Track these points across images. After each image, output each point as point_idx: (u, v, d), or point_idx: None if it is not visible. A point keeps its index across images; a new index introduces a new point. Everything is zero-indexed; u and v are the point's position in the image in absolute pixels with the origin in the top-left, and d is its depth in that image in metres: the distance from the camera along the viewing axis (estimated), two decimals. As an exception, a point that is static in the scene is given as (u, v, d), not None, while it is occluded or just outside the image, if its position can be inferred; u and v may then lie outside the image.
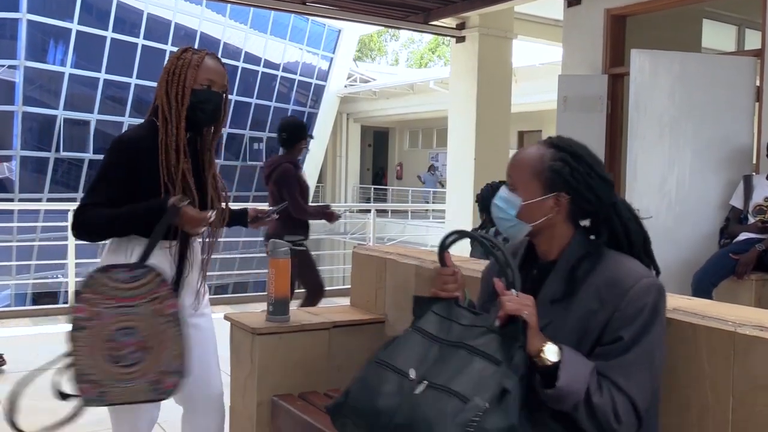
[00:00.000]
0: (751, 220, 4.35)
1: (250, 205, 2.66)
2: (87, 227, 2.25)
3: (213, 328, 2.51)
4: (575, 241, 1.71)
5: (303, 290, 5.09)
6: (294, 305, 3.00)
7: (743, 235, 4.30)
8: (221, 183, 2.44)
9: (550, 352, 1.54)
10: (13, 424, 2.27)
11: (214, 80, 2.28)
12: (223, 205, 2.46)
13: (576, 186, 1.68)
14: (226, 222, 2.54)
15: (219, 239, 2.50)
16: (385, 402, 1.57)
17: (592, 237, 1.74)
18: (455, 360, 1.57)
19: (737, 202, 4.50)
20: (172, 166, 2.21)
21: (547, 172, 1.68)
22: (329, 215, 5.10)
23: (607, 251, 1.69)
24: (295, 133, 4.90)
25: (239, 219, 2.68)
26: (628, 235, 1.70)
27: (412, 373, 1.58)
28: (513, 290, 1.60)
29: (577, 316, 1.63)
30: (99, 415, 3.83)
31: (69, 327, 2.22)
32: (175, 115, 2.22)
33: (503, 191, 1.76)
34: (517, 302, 1.57)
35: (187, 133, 2.28)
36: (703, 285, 4.14)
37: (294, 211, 4.67)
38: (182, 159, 2.23)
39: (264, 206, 2.75)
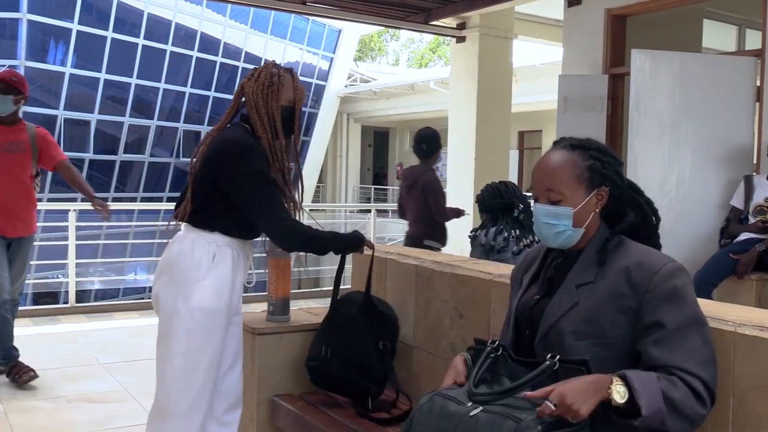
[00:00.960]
0: (752, 220, 4.35)
1: None
2: (309, 242, 2.47)
3: (242, 326, 2.65)
4: (602, 230, 1.78)
5: None
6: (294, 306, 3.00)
7: (744, 235, 4.30)
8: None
9: (618, 395, 1.51)
10: None
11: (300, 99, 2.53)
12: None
13: (612, 177, 1.76)
14: None
15: None
16: (443, 424, 1.64)
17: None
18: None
19: (738, 202, 4.50)
20: (285, 172, 2.43)
21: (587, 172, 1.75)
22: (459, 213, 5.44)
23: (629, 241, 1.75)
24: (433, 144, 5.15)
25: None
26: (653, 210, 1.80)
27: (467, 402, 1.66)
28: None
29: (606, 295, 1.67)
30: (99, 416, 3.83)
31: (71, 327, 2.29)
32: (278, 129, 2.42)
33: (546, 209, 1.76)
34: (560, 409, 1.50)
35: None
36: (704, 285, 4.13)
37: (439, 217, 5.10)
38: (287, 166, 2.47)
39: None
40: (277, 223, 2.37)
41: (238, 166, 2.34)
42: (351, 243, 2.59)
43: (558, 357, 1.59)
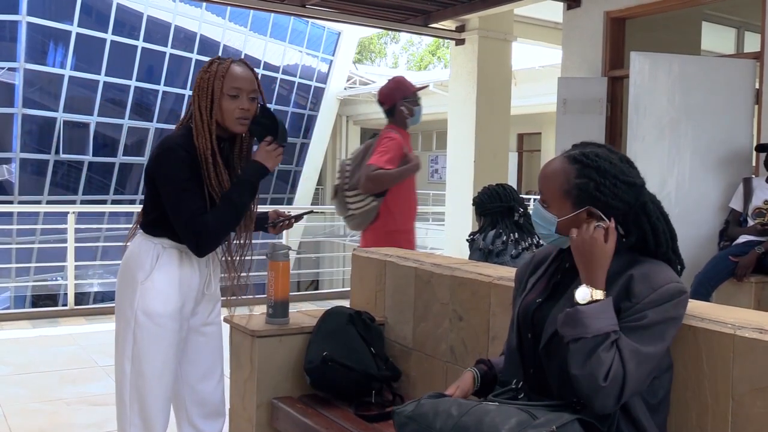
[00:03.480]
0: (751, 222, 4.36)
1: (271, 208, 2.64)
2: (217, 232, 2.25)
3: (221, 337, 2.53)
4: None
5: None
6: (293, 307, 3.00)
7: (743, 238, 4.31)
8: None
9: (591, 294, 1.63)
10: None
11: (241, 88, 2.30)
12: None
13: (604, 199, 1.71)
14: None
15: (250, 242, 2.50)
16: (451, 409, 1.65)
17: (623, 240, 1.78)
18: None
19: (737, 204, 4.51)
20: (212, 176, 2.25)
21: (575, 190, 1.72)
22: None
23: (642, 258, 1.73)
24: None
25: (259, 224, 2.60)
26: (656, 235, 1.75)
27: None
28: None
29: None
30: (98, 418, 3.83)
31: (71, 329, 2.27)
32: (207, 127, 2.25)
33: (538, 209, 1.80)
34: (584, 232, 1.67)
35: (222, 142, 2.32)
36: (703, 287, 4.14)
37: None
38: (220, 170, 2.27)
39: (285, 209, 2.73)
40: (185, 231, 2.23)
41: (158, 168, 2.25)
42: (256, 173, 2.31)
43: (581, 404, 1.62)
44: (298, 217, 2.69)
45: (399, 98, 4.05)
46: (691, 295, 4.03)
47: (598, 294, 1.63)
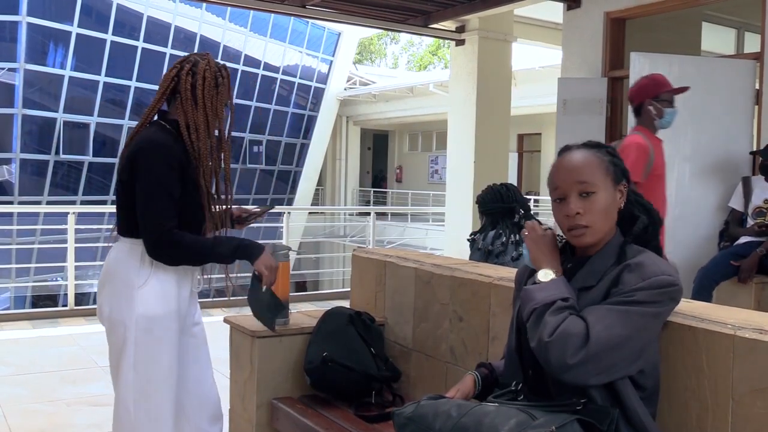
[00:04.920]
0: (751, 222, 4.35)
1: (235, 207, 2.62)
2: (180, 252, 2.25)
3: (206, 336, 2.53)
4: (617, 235, 1.78)
5: None
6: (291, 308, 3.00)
7: (743, 239, 4.30)
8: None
9: (550, 273, 1.74)
10: None
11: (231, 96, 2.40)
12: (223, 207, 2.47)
13: (628, 175, 1.81)
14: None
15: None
16: (451, 410, 1.66)
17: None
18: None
19: (737, 204, 4.50)
20: (208, 173, 2.29)
21: (611, 166, 1.78)
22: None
23: (646, 251, 1.75)
24: None
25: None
26: (653, 214, 1.83)
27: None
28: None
29: (600, 295, 1.69)
30: (98, 419, 3.83)
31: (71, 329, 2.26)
32: (209, 130, 2.30)
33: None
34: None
35: None
36: (704, 287, 4.14)
37: None
38: (217, 167, 2.33)
39: (250, 207, 2.73)
40: (153, 231, 2.21)
41: (145, 161, 2.21)
42: (238, 250, 2.30)
43: (583, 401, 1.62)
44: (261, 213, 2.71)
45: (648, 96, 3.71)
46: (693, 296, 4.05)
47: (550, 274, 1.73)
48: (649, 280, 1.63)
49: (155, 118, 2.33)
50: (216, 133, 2.33)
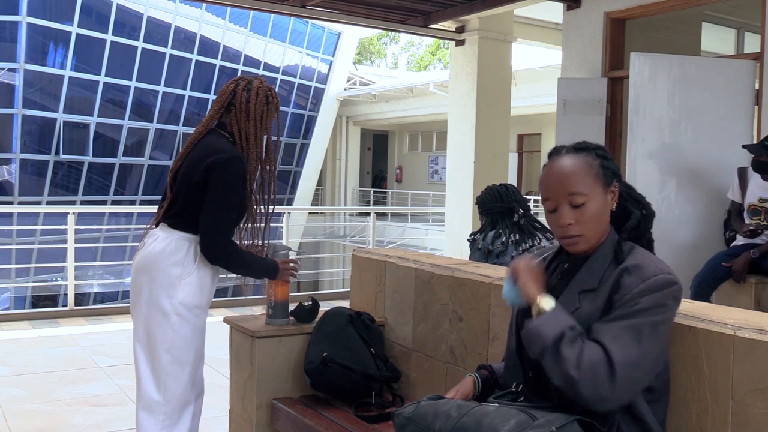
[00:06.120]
0: (747, 219, 4.34)
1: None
2: (236, 262, 2.58)
3: None
4: (611, 234, 1.77)
5: None
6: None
7: (739, 239, 4.30)
8: None
9: (545, 302, 1.67)
10: None
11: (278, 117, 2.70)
12: None
13: (618, 173, 1.79)
14: None
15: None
16: (450, 411, 1.67)
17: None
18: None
19: (734, 195, 4.47)
20: (254, 176, 2.59)
21: (601, 170, 1.76)
22: None
23: (639, 247, 1.75)
24: None
25: None
26: (648, 205, 1.82)
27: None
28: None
29: (603, 302, 1.67)
30: (98, 419, 3.83)
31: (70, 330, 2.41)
32: (260, 144, 2.59)
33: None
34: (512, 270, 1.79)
35: None
36: (702, 289, 4.13)
37: None
38: (264, 172, 2.65)
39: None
40: (218, 238, 2.49)
41: (223, 173, 2.46)
42: (269, 269, 2.71)
43: (579, 411, 1.61)
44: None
45: None
46: (691, 297, 4.03)
47: (544, 304, 1.67)
48: (649, 282, 1.62)
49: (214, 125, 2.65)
50: (264, 144, 2.61)
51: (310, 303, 2.91)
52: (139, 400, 2.54)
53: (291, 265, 2.75)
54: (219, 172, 2.44)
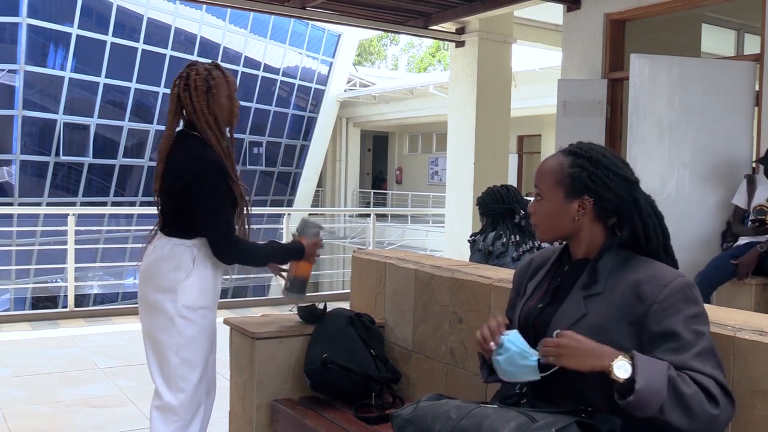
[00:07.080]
0: (752, 218, 4.34)
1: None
2: (247, 257, 2.59)
3: None
4: (608, 240, 1.77)
5: None
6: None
7: (743, 239, 4.30)
8: None
9: (620, 369, 1.52)
10: None
11: (234, 88, 2.63)
12: None
13: (595, 189, 1.74)
14: None
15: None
16: (450, 412, 1.66)
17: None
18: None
19: (740, 201, 4.47)
20: (237, 176, 2.55)
21: (567, 178, 1.76)
22: None
23: (638, 256, 1.74)
24: None
25: None
26: (647, 232, 1.76)
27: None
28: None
29: (614, 308, 1.65)
30: (98, 420, 3.83)
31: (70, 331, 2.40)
32: (223, 130, 2.56)
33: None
34: (554, 347, 1.59)
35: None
36: (704, 288, 4.13)
37: None
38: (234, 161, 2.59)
39: None
40: (221, 238, 2.50)
41: (202, 186, 2.45)
42: (290, 252, 2.70)
43: (589, 409, 1.60)
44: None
45: None
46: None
47: (626, 361, 1.52)
48: (672, 286, 1.61)
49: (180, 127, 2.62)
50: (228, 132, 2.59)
51: (323, 308, 2.90)
52: (154, 398, 2.57)
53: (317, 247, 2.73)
54: (201, 181, 2.45)
